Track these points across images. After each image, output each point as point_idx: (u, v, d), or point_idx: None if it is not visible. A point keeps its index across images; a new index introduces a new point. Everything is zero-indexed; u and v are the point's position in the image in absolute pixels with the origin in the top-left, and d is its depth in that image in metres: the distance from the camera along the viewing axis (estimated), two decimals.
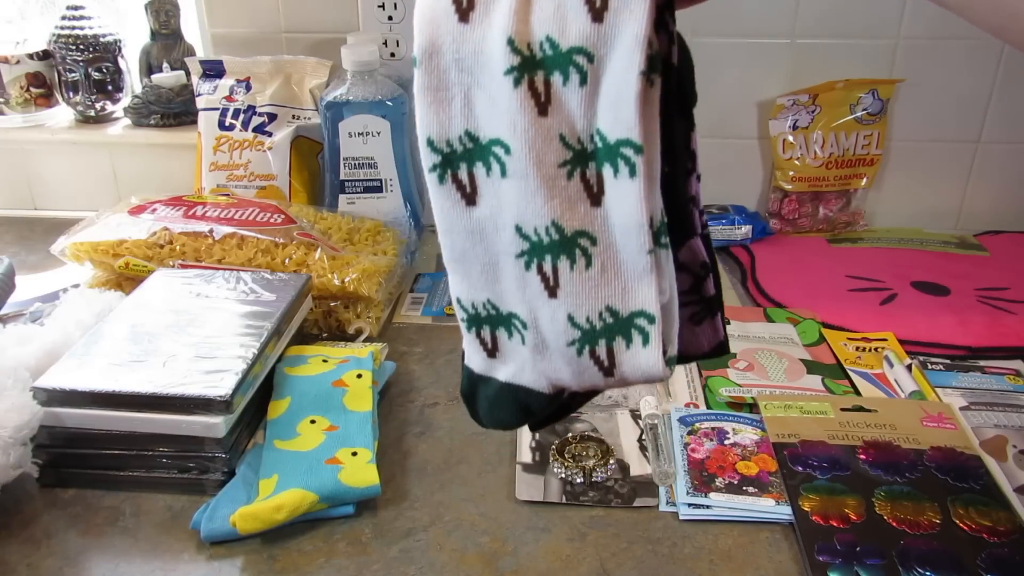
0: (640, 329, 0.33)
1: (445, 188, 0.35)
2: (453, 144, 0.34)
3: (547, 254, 0.34)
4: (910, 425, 0.70)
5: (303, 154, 1.07)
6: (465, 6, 0.32)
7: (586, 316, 0.34)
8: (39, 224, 1.17)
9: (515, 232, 0.34)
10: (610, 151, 0.32)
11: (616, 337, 0.34)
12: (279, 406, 0.70)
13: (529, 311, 0.35)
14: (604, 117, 0.32)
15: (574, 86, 0.32)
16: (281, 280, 0.81)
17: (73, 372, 0.66)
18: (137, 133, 1.16)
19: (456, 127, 0.34)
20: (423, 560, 0.58)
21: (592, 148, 0.33)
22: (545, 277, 0.34)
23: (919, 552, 0.57)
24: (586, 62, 0.31)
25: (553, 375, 0.36)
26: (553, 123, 0.32)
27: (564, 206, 0.33)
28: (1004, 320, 0.88)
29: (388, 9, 1.08)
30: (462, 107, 0.34)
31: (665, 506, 0.63)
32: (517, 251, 0.34)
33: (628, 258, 0.33)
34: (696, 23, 1.05)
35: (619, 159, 0.32)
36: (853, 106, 1.07)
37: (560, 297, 0.34)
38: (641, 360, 0.34)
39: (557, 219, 0.33)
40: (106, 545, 0.60)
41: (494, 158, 0.33)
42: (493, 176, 0.34)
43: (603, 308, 0.34)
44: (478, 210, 0.35)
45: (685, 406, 0.75)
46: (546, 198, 0.33)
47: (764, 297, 0.94)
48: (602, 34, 0.31)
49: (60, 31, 1.12)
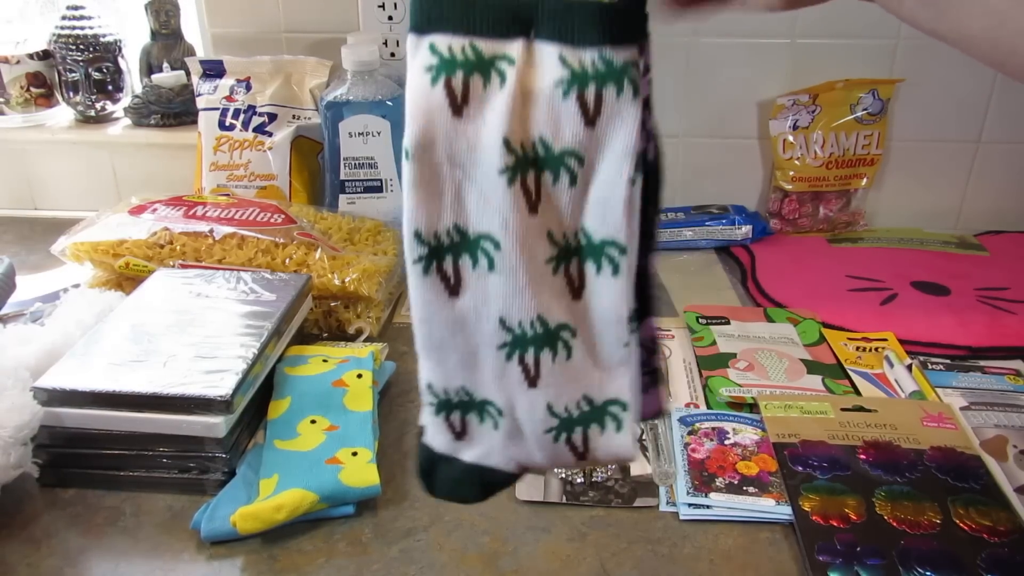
0: (614, 416, 0.35)
1: (429, 279, 0.34)
2: (440, 237, 0.34)
3: (530, 346, 0.34)
4: (910, 425, 0.70)
5: (303, 154, 1.07)
6: (459, 101, 0.32)
7: (564, 405, 0.35)
8: (39, 224, 1.17)
9: (499, 325, 0.34)
10: (595, 249, 0.34)
11: (592, 424, 0.35)
12: (279, 406, 0.70)
13: (507, 400, 0.35)
14: (591, 217, 0.33)
15: (564, 186, 0.33)
16: (281, 280, 0.81)
17: (73, 372, 0.66)
18: (137, 133, 1.16)
19: (445, 220, 0.34)
20: (423, 560, 0.58)
21: (576, 244, 0.34)
22: (527, 368, 0.34)
23: (919, 552, 0.57)
24: (577, 165, 0.33)
25: (524, 458, 0.37)
26: (542, 221, 0.33)
27: (550, 300, 0.34)
28: (1004, 320, 0.88)
29: (388, 9, 1.08)
30: (452, 201, 0.33)
31: (665, 506, 0.63)
32: (500, 343, 0.34)
33: (606, 349, 0.35)
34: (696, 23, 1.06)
35: (603, 257, 0.34)
36: (853, 106, 1.07)
37: (540, 387, 0.35)
38: (614, 444, 0.36)
39: (543, 313, 0.34)
40: (106, 545, 0.60)
41: (482, 252, 0.33)
42: (480, 269, 0.34)
43: (580, 397, 0.35)
44: (461, 301, 0.34)
45: (685, 406, 0.75)
46: (533, 293, 0.33)
47: (764, 297, 0.94)
48: (594, 139, 0.32)
49: (60, 31, 1.12)
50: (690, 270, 1.03)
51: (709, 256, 1.07)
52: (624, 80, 0.33)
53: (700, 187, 1.14)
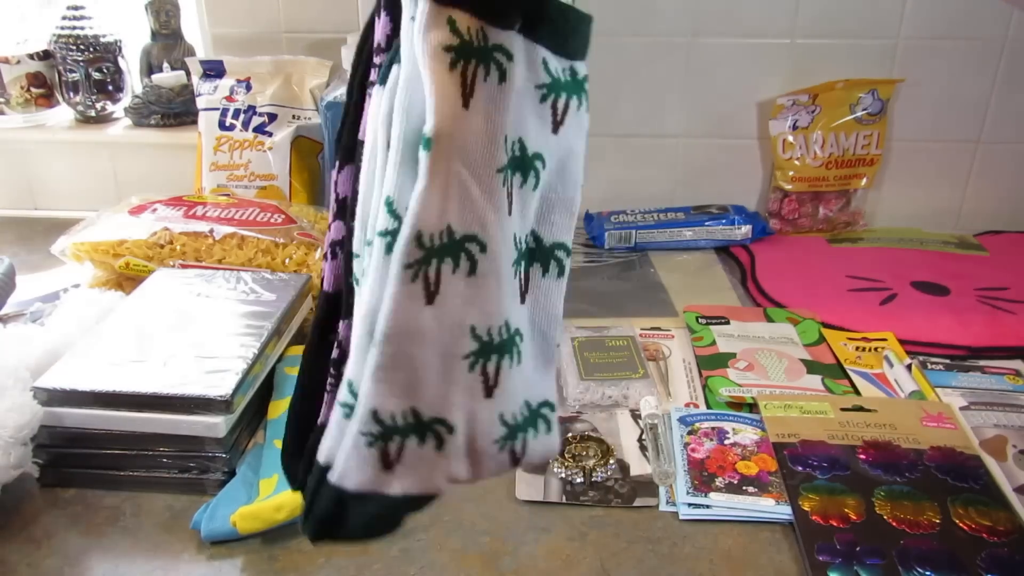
0: (545, 418, 0.35)
1: (415, 287, 0.31)
2: (435, 239, 0.31)
3: (494, 354, 0.33)
4: (910, 425, 0.70)
5: (303, 154, 1.07)
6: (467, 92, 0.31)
7: (512, 413, 0.34)
8: (39, 224, 1.17)
9: (470, 333, 0.32)
10: (545, 252, 0.34)
11: (528, 429, 0.35)
12: (279, 406, 0.70)
13: (464, 414, 0.33)
14: (546, 220, 0.34)
15: (529, 188, 0.33)
16: (281, 280, 0.81)
17: (73, 372, 0.66)
18: (137, 133, 1.16)
19: (447, 216, 0.31)
20: (423, 560, 0.58)
21: (526, 248, 0.34)
22: (487, 377, 0.33)
23: (919, 552, 0.57)
24: (541, 168, 0.33)
25: (462, 475, 0.35)
26: (513, 223, 0.33)
27: (511, 303, 0.33)
28: (1004, 320, 0.88)
29: None
30: (450, 199, 0.31)
31: (665, 506, 0.63)
32: (466, 352, 0.33)
33: (542, 351, 0.35)
34: (696, 23, 1.06)
35: (552, 260, 0.34)
36: (853, 106, 1.07)
37: (495, 396, 0.33)
38: (545, 445, 0.36)
39: (508, 318, 0.33)
40: (106, 545, 0.60)
41: (465, 255, 0.31)
42: (459, 274, 0.32)
43: (523, 403, 0.35)
44: (434, 310, 0.32)
45: (685, 406, 0.75)
46: (507, 296, 0.33)
47: (764, 297, 0.94)
48: (555, 145, 0.33)
49: (60, 31, 1.12)
50: (690, 270, 1.03)
51: (709, 256, 1.07)
52: (582, 92, 0.34)
53: (700, 187, 1.14)
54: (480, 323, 0.33)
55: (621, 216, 1.10)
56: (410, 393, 0.33)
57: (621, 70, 1.09)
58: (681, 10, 1.05)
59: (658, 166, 1.14)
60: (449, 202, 0.31)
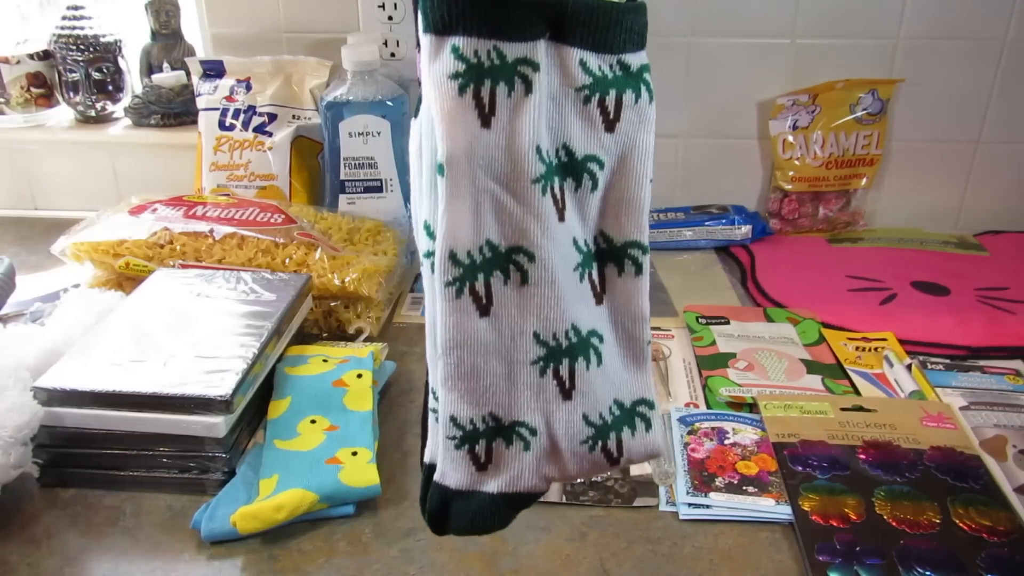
0: (643, 416, 0.35)
1: (462, 302, 0.32)
2: (474, 255, 0.32)
3: (565, 358, 0.33)
4: (910, 425, 0.70)
5: (303, 154, 1.07)
6: (487, 111, 0.31)
7: (599, 413, 0.35)
8: (39, 224, 1.17)
9: (533, 339, 0.33)
10: (617, 252, 0.34)
11: (624, 428, 0.35)
12: (279, 406, 0.70)
13: (542, 417, 0.34)
14: (611, 219, 0.34)
15: (586, 191, 0.33)
16: (281, 280, 0.81)
17: (73, 372, 0.66)
18: (137, 133, 1.16)
19: (479, 237, 0.32)
20: (423, 560, 0.58)
21: (595, 249, 0.34)
22: (561, 381, 0.34)
23: (919, 552, 0.57)
24: (598, 169, 0.33)
25: (556, 474, 0.36)
26: (568, 228, 0.33)
27: (579, 307, 0.33)
28: (1004, 320, 0.88)
29: (388, 9, 1.08)
30: (484, 216, 0.32)
31: (665, 506, 0.63)
32: (534, 358, 0.33)
33: (632, 350, 0.35)
34: (696, 23, 1.06)
35: (626, 259, 0.34)
36: (853, 106, 1.07)
37: (575, 398, 0.34)
38: (646, 444, 0.36)
39: (575, 322, 0.33)
40: (106, 545, 0.60)
41: (515, 267, 0.32)
42: (511, 285, 0.32)
43: (612, 402, 0.35)
44: (492, 322, 0.33)
45: (685, 406, 0.75)
46: (568, 302, 0.33)
47: (764, 297, 0.94)
48: (614, 144, 0.33)
49: (60, 31, 1.12)
50: (690, 270, 1.03)
51: (709, 256, 1.07)
52: (641, 85, 0.33)
53: (700, 187, 1.14)
54: (543, 329, 0.33)
55: None
56: (484, 400, 0.34)
57: None
58: (681, 10, 1.05)
59: (658, 166, 1.13)
60: (482, 218, 0.32)
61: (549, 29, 0.31)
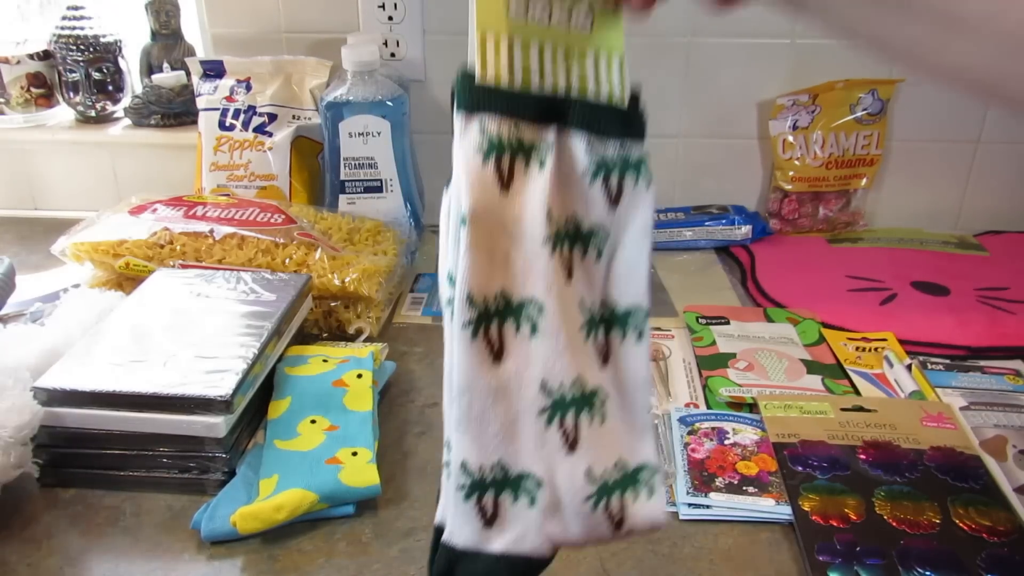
0: (646, 482, 0.37)
1: (476, 345, 0.35)
2: (488, 302, 0.35)
3: (570, 409, 0.36)
4: (910, 425, 0.70)
5: (303, 154, 1.07)
6: (507, 179, 0.36)
7: (602, 469, 0.36)
8: (39, 224, 1.17)
9: (540, 389, 0.36)
10: (621, 318, 0.37)
11: (627, 490, 0.37)
12: (279, 406, 0.70)
13: (546, 468, 0.36)
14: (616, 287, 0.37)
15: (592, 259, 0.37)
16: (281, 280, 0.81)
17: (73, 372, 0.66)
18: (137, 133, 1.16)
19: (494, 285, 0.36)
20: (423, 560, 0.58)
21: (602, 314, 0.37)
22: (566, 432, 0.36)
23: (919, 552, 0.57)
24: (604, 240, 0.36)
25: (560, 535, 0.38)
26: (576, 290, 0.37)
27: (585, 364, 0.36)
28: (1004, 320, 0.88)
29: (388, 9, 1.08)
30: (500, 267, 0.36)
31: (665, 506, 0.63)
32: (540, 407, 0.36)
33: (634, 414, 0.37)
34: (696, 23, 1.06)
35: (629, 326, 0.37)
36: (853, 106, 1.07)
37: (579, 451, 0.36)
38: (648, 511, 0.38)
39: (581, 375, 0.36)
40: (106, 545, 0.60)
41: (526, 317, 0.36)
42: (522, 334, 0.36)
43: (615, 462, 0.37)
44: (504, 367, 0.36)
45: (685, 406, 0.75)
46: (572, 355, 0.36)
47: (764, 297, 0.94)
48: (617, 219, 0.37)
49: (60, 31, 1.12)
50: (690, 270, 1.03)
51: (709, 256, 1.07)
52: (639, 170, 0.38)
53: (700, 187, 1.14)
54: (550, 379, 0.36)
55: None
56: (493, 446, 0.36)
57: None
58: (681, 10, 1.05)
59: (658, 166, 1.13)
60: (497, 270, 0.35)
61: (560, 119, 0.36)
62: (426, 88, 1.12)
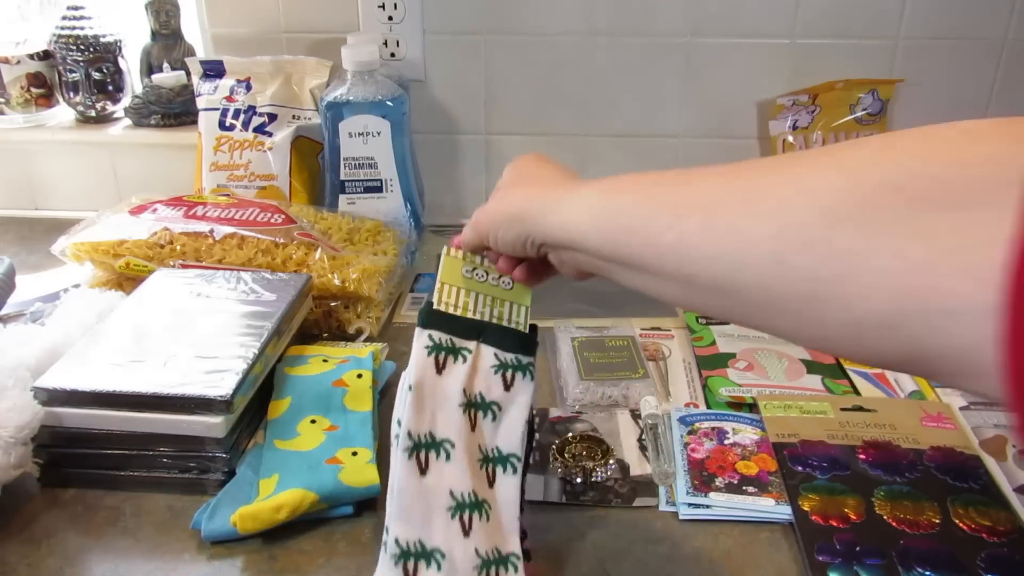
0: (514, 564, 0.52)
1: (410, 463, 0.52)
2: (421, 437, 0.53)
3: (467, 509, 0.52)
4: (910, 425, 0.70)
5: (303, 154, 1.07)
6: (440, 367, 0.55)
7: (486, 550, 0.52)
8: (39, 224, 1.17)
9: (449, 495, 0.52)
10: (503, 459, 0.54)
11: (501, 566, 0.52)
12: (279, 406, 0.70)
13: (449, 546, 0.51)
14: (502, 440, 0.55)
15: (489, 421, 0.55)
16: (281, 280, 0.81)
17: (74, 372, 0.66)
18: (137, 133, 1.16)
19: (424, 428, 0.54)
20: None
21: (492, 455, 0.55)
22: (463, 523, 0.52)
23: (919, 552, 0.57)
24: (498, 410, 0.55)
25: None
26: (476, 437, 0.54)
27: (478, 484, 0.53)
28: None
29: (388, 9, 1.08)
30: (430, 418, 0.54)
31: (665, 506, 0.63)
32: (448, 506, 0.52)
33: (506, 521, 0.53)
34: (696, 23, 1.06)
35: (508, 464, 0.54)
36: (853, 106, 1.07)
37: (471, 537, 0.52)
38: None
39: (475, 490, 0.53)
40: (106, 545, 0.60)
41: (443, 450, 0.53)
42: (440, 459, 0.53)
43: (494, 547, 0.52)
44: (427, 479, 0.53)
45: (685, 406, 0.75)
46: (472, 476, 0.53)
47: None
48: (508, 398, 0.55)
49: (60, 31, 1.12)
50: None
51: None
52: (527, 371, 0.56)
53: None
54: (456, 489, 0.52)
55: None
56: (415, 529, 0.52)
57: (621, 70, 1.09)
58: (681, 10, 1.05)
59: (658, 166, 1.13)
60: (427, 419, 0.54)
61: (479, 335, 0.57)
62: (426, 88, 1.12)
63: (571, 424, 0.72)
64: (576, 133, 1.13)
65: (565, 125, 1.13)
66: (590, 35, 1.07)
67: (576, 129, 1.13)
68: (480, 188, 1.18)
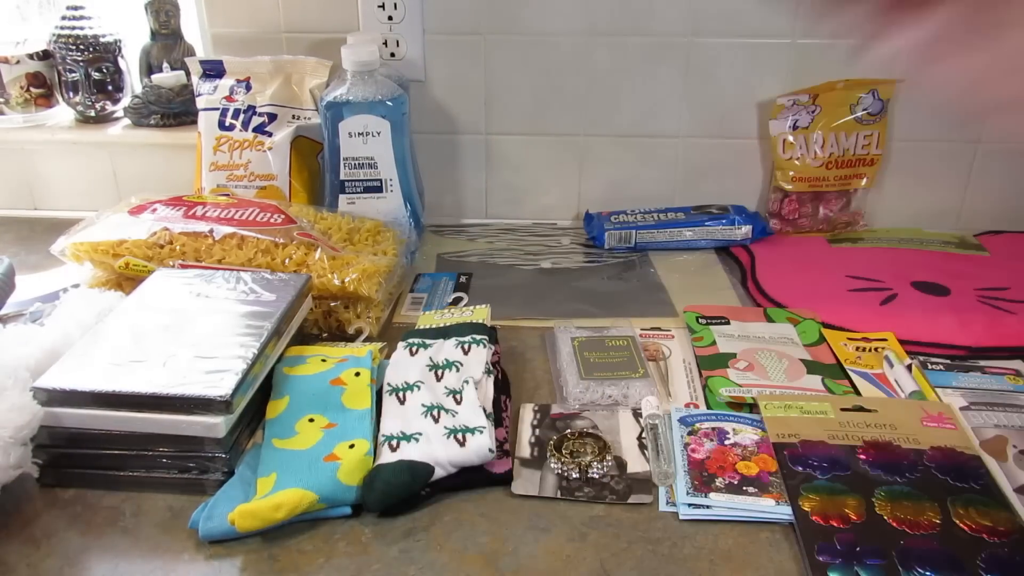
0: (478, 431, 0.66)
1: (391, 398, 0.71)
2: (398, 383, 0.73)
3: (435, 409, 0.69)
4: (910, 425, 0.70)
5: (303, 154, 1.07)
6: (414, 352, 0.77)
7: (454, 425, 0.67)
8: (39, 224, 1.17)
9: (420, 406, 0.69)
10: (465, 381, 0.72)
11: (467, 432, 0.66)
12: (277, 406, 0.70)
13: (423, 429, 0.67)
14: (464, 374, 0.73)
15: (453, 371, 0.74)
16: (281, 280, 0.81)
17: (73, 372, 0.66)
18: (137, 133, 1.16)
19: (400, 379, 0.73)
20: (423, 560, 0.58)
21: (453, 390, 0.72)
22: (433, 416, 0.68)
23: (919, 552, 0.57)
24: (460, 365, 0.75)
25: (432, 455, 0.65)
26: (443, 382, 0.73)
27: (445, 401, 0.70)
28: (1004, 320, 0.88)
29: (388, 9, 1.08)
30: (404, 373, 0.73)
31: (665, 506, 0.63)
32: (420, 412, 0.69)
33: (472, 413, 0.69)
34: (696, 23, 1.06)
35: (469, 381, 0.72)
36: (853, 106, 1.07)
37: (439, 424, 0.67)
38: (479, 441, 0.66)
39: (442, 404, 0.70)
40: (106, 545, 0.60)
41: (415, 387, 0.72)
42: (413, 392, 0.72)
43: (461, 424, 0.67)
44: (404, 406, 0.70)
45: (685, 406, 0.75)
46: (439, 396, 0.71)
47: (764, 297, 0.94)
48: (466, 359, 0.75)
49: (60, 31, 1.12)
50: (690, 270, 1.03)
51: (709, 256, 1.07)
52: (482, 343, 0.76)
53: (700, 187, 1.14)
54: (425, 403, 0.70)
55: (621, 216, 1.10)
56: (398, 426, 0.67)
57: (621, 70, 1.09)
58: (681, 10, 1.05)
59: (658, 166, 1.14)
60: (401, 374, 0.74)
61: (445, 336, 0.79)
62: (426, 88, 1.12)
63: (571, 421, 0.72)
64: (576, 133, 1.13)
65: (565, 125, 1.13)
66: (590, 35, 1.07)
67: (576, 129, 1.13)
68: (480, 188, 1.18)
